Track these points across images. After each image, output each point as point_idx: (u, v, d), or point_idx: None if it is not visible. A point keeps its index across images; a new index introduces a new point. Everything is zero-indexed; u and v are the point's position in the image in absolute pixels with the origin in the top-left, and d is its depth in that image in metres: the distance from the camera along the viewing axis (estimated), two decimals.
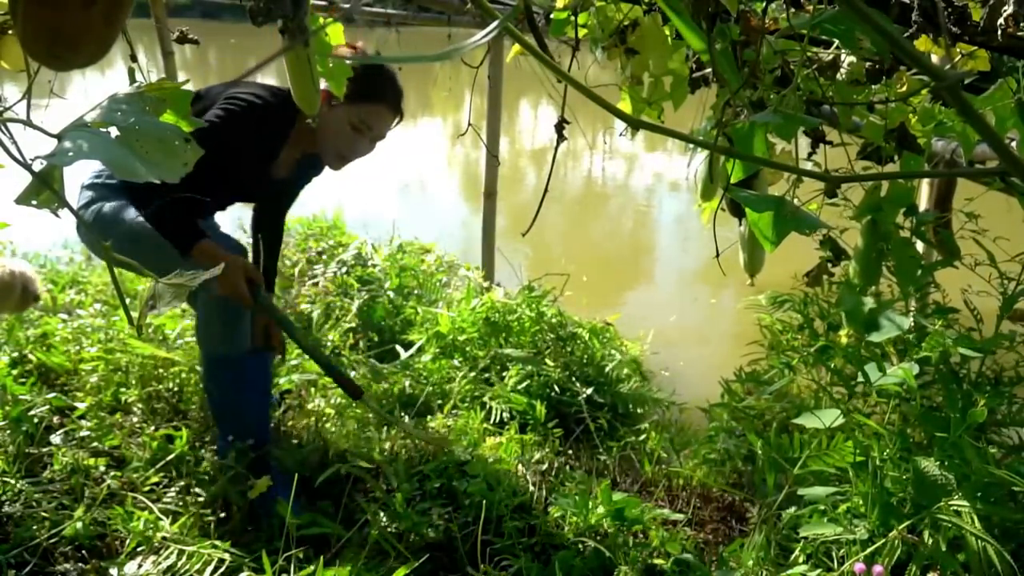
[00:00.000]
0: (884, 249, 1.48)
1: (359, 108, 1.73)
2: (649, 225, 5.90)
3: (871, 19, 0.37)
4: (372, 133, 1.77)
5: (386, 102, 1.76)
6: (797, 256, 1.92)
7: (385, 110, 1.76)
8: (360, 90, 1.67)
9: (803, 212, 0.71)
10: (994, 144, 0.41)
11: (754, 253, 1.68)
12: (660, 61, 1.56)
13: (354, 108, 1.72)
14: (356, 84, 1.56)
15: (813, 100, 1.39)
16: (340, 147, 1.78)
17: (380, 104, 1.75)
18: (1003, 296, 1.67)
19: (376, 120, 1.76)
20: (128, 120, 0.53)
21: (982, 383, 1.75)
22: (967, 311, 1.83)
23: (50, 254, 3.36)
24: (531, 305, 2.65)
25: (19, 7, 0.58)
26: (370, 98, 1.73)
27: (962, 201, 1.86)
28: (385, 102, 1.76)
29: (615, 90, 1.73)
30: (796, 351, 2.25)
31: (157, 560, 1.50)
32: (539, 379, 2.29)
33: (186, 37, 1.72)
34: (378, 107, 1.75)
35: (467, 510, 1.73)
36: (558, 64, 0.52)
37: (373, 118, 1.75)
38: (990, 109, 1.25)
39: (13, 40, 1.21)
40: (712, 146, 0.82)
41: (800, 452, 1.59)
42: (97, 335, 2.35)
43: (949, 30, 1.10)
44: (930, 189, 2.21)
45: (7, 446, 1.80)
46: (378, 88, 1.74)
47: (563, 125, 1.32)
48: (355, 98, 1.69)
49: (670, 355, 2.66)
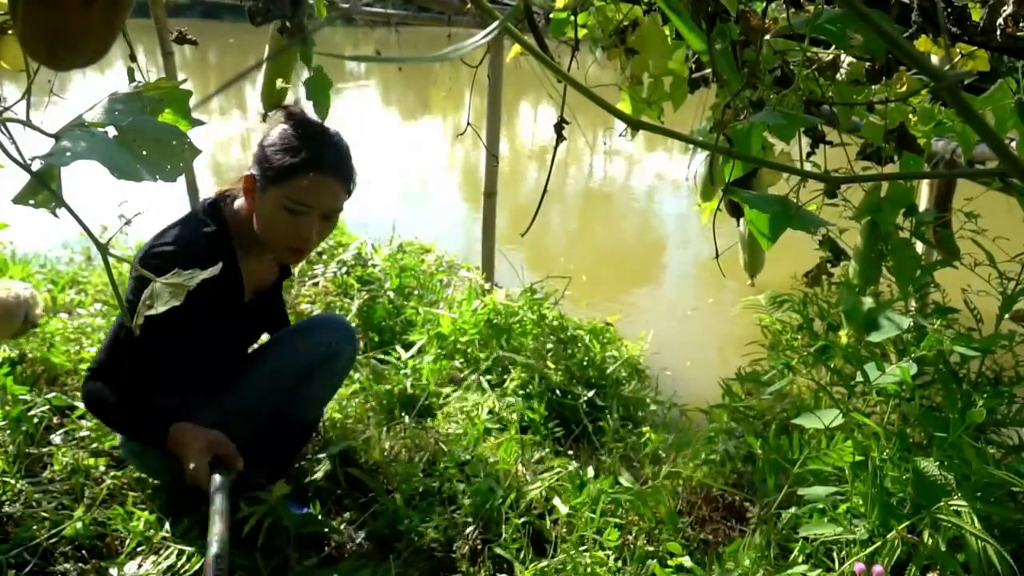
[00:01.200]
0: (884, 249, 1.48)
1: (286, 186, 1.43)
2: (649, 225, 5.90)
3: (870, 19, 0.37)
4: (312, 209, 1.45)
5: (318, 168, 1.44)
6: (797, 256, 1.92)
7: (320, 179, 1.44)
8: (281, 164, 1.43)
9: (804, 211, 0.72)
10: (993, 144, 0.41)
11: (754, 253, 1.68)
12: (660, 61, 1.57)
13: (281, 188, 1.43)
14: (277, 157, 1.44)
15: (813, 100, 1.40)
16: (282, 237, 1.48)
17: (308, 173, 1.43)
18: (1003, 296, 1.67)
19: (312, 194, 1.44)
20: (126, 120, 0.53)
21: (982, 383, 1.75)
22: (967, 311, 1.83)
23: (50, 254, 3.36)
24: (533, 308, 2.66)
25: (19, 7, 0.58)
26: (297, 170, 1.43)
27: (962, 201, 1.86)
28: (316, 168, 1.44)
29: (615, 90, 1.73)
30: (796, 351, 2.25)
31: (157, 560, 1.50)
32: (541, 383, 2.29)
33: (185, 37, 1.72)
34: (308, 178, 1.43)
35: (467, 509, 1.73)
36: (558, 64, 0.52)
37: (307, 193, 1.43)
38: (990, 109, 1.25)
39: (13, 40, 1.22)
40: (712, 146, 0.83)
41: (800, 452, 1.59)
42: (97, 335, 2.35)
43: (949, 30, 1.10)
44: (930, 189, 2.22)
45: (7, 446, 1.80)
46: (303, 156, 1.44)
47: (562, 125, 1.32)
48: (279, 176, 1.43)
49: (671, 355, 2.66)
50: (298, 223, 1.46)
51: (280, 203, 1.44)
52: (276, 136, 1.48)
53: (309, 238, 1.48)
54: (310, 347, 1.69)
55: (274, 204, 1.45)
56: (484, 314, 2.56)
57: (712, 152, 1.60)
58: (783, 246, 0.75)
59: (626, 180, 7.24)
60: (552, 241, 5.04)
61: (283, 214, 1.45)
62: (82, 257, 3.37)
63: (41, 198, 0.50)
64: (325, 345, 1.69)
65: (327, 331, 1.72)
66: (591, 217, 5.97)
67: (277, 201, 1.44)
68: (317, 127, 1.51)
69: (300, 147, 1.44)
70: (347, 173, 1.51)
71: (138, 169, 0.49)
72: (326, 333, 1.71)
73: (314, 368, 1.68)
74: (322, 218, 1.49)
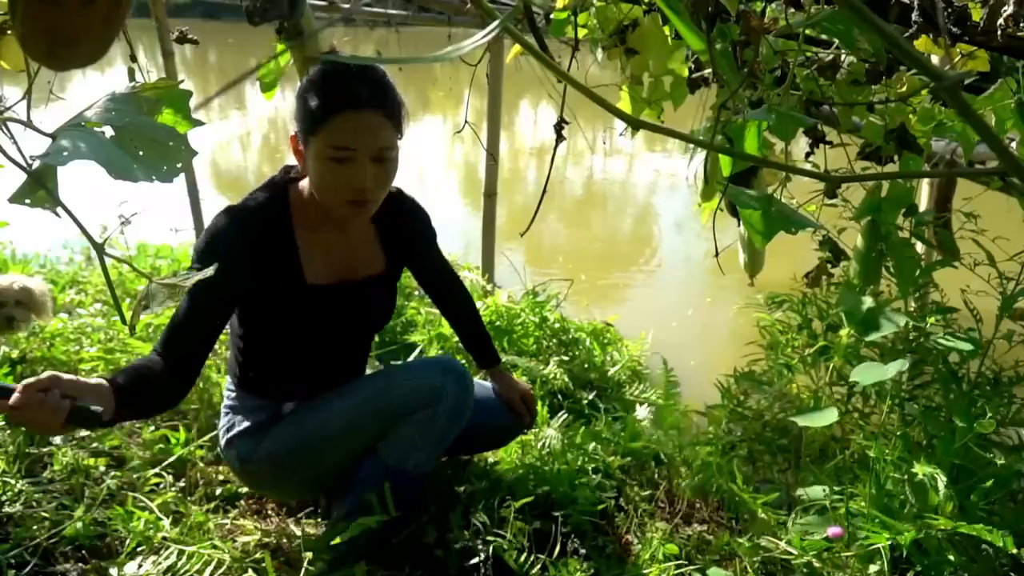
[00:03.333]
0: (884, 249, 1.48)
1: (325, 132, 1.30)
2: (648, 225, 5.90)
3: (869, 19, 0.37)
4: (358, 151, 1.31)
5: (354, 103, 1.30)
6: (797, 257, 1.92)
7: (357, 114, 1.30)
8: (315, 109, 1.30)
9: (790, 210, 0.72)
10: (993, 144, 0.41)
11: (754, 253, 1.68)
12: (660, 61, 1.57)
13: (319, 137, 1.31)
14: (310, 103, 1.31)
15: (813, 100, 1.40)
16: (336, 193, 1.34)
17: (344, 111, 1.29)
18: (1002, 296, 1.66)
19: (353, 133, 1.30)
20: (123, 120, 0.53)
21: (982, 383, 1.74)
22: (967, 311, 1.83)
23: (50, 254, 3.36)
24: (534, 310, 2.66)
25: (18, 7, 0.58)
26: (330, 111, 1.30)
27: (962, 201, 1.86)
28: (352, 104, 1.30)
29: (615, 90, 1.73)
30: (795, 351, 2.25)
31: (157, 560, 1.50)
32: (543, 387, 2.29)
33: (185, 37, 1.72)
34: (343, 115, 1.29)
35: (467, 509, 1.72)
36: (558, 64, 0.52)
37: (347, 134, 1.30)
38: (990, 109, 1.25)
39: (13, 40, 1.22)
40: (712, 145, 0.82)
41: (800, 452, 1.59)
42: (97, 335, 2.35)
43: (949, 30, 1.10)
44: (930, 189, 2.21)
45: (7, 446, 1.80)
46: (335, 94, 1.30)
47: (562, 125, 1.32)
48: (314, 122, 1.31)
49: (671, 355, 2.65)
50: (348, 171, 1.31)
51: (323, 154, 1.31)
52: (307, 82, 1.35)
53: (363, 185, 1.32)
54: (410, 384, 1.50)
55: (319, 157, 1.32)
56: (486, 316, 2.56)
57: (711, 152, 1.60)
58: (783, 246, 0.75)
59: (626, 179, 7.24)
60: (552, 240, 5.04)
61: (329, 165, 1.31)
62: (82, 257, 3.38)
63: (37, 197, 0.50)
64: (428, 386, 1.48)
65: (435, 371, 1.52)
66: (591, 216, 5.97)
67: (320, 152, 1.31)
68: (349, 66, 1.34)
69: (331, 86, 1.31)
70: (390, 105, 1.34)
71: (135, 170, 0.49)
72: (433, 373, 1.51)
73: (413, 409, 1.48)
74: (374, 161, 1.33)
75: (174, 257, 3.43)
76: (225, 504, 1.76)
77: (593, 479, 1.82)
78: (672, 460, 2.01)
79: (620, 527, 1.75)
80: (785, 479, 1.92)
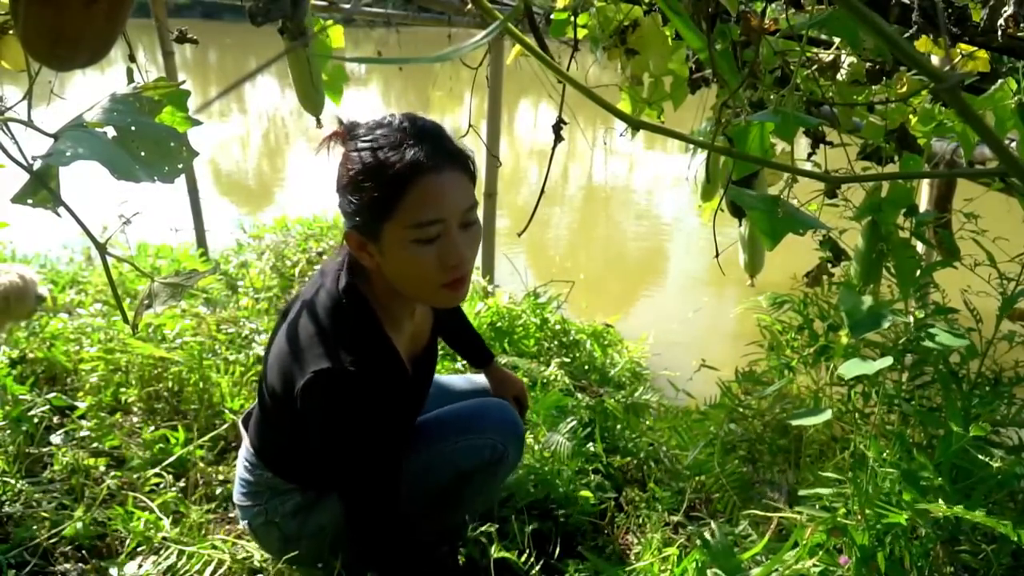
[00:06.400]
0: (884, 249, 1.48)
1: (398, 214, 1.10)
2: (649, 225, 5.90)
3: (869, 20, 0.37)
4: (439, 225, 1.12)
5: (423, 168, 1.09)
6: (797, 257, 1.92)
7: (433, 178, 1.10)
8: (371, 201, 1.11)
9: (798, 212, 0.72)
10: (993, 145, 0.41)
11: (754, 254, 1.68)
12: (660, 61, 1.57)
13: (394, 222, 1.11)
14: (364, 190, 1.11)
15: (813, 100, 1.40)
16: (431, 279, 1.15)
17: (415, 180, 1.09)
18: (1003, 296, 1.66)
19: (436, 203, 1.10)
20: (124, 120, 0.53)
21: (982, 383, 1.74)
22: (967, 311, 1.83)
23: (50, 254, 3.36)
24: (535, 311, 2.65)
25: (20, 7, 0.58)
26: (398, 187, 1.09)
27: (962, 201, 1.86)
28: (421, 169, 1.09)
29: (615, 90, 1.73)
30: (796, 351, 2.25)
31: (157, 560, 1.50)
32: (544, 389, 2.29)
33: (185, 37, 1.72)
34: (417, 186, 1.09)
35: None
36: (558, 64, 0.52)
37: (428, 206, 1.10)
38: (990, 110, 1.25)
39: (13, 40, 1.22)
40: (712, 146, 0.83)
41: (800, 452, 1.59)
42: (97, 335, 2.35)
43: (949, 31, 1.10)
44: (930, 189, 2.21)
45: (7, 446, 1.80)
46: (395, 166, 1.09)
47: (560, 126, 1.32)
48: (381, 209, 1.11)
49: (671, 355, 2.66)
50: (439, 250, 1.13)
51: (404, 240, 1.11)
52: (350, 169, 1.13)
53: (461, 260, 1.14)
54: (471, 450, 1.42)
55: (398, 246, 1.12)
56: (487, 317, 2.56)
57: (712, 152, 1.60)
58: (783, 246, 0.75)
59: (626, 180, 7.24)
60: (552, 241, 5.04)
61: (415, 250, 1.12)
62: (82, 257, 3.38)
63: (39, 197, 0.50)
64: (490, 449, 1.41)
65: (494, 432, 1.43)
66: (591, 217, 5.97)
67: (399, 240, 1.11)
68: (382, 124, 1.14)
69: (385, 159, 1.10)
70: (459, 155, 1.16)
71: (136, 170, 0.49)
72: (493, 434, 1.43)
73: (474, 473, 1.41)
74: (461, 228, 1.15)
75: (174, 257, 3.43)
76: (225, 504, 1.76)
77: (593, 479, 1.82)
78: (672, 460, 2.01)
79: (620, 527, 1.75)
80: (785, 479, 1.92)
